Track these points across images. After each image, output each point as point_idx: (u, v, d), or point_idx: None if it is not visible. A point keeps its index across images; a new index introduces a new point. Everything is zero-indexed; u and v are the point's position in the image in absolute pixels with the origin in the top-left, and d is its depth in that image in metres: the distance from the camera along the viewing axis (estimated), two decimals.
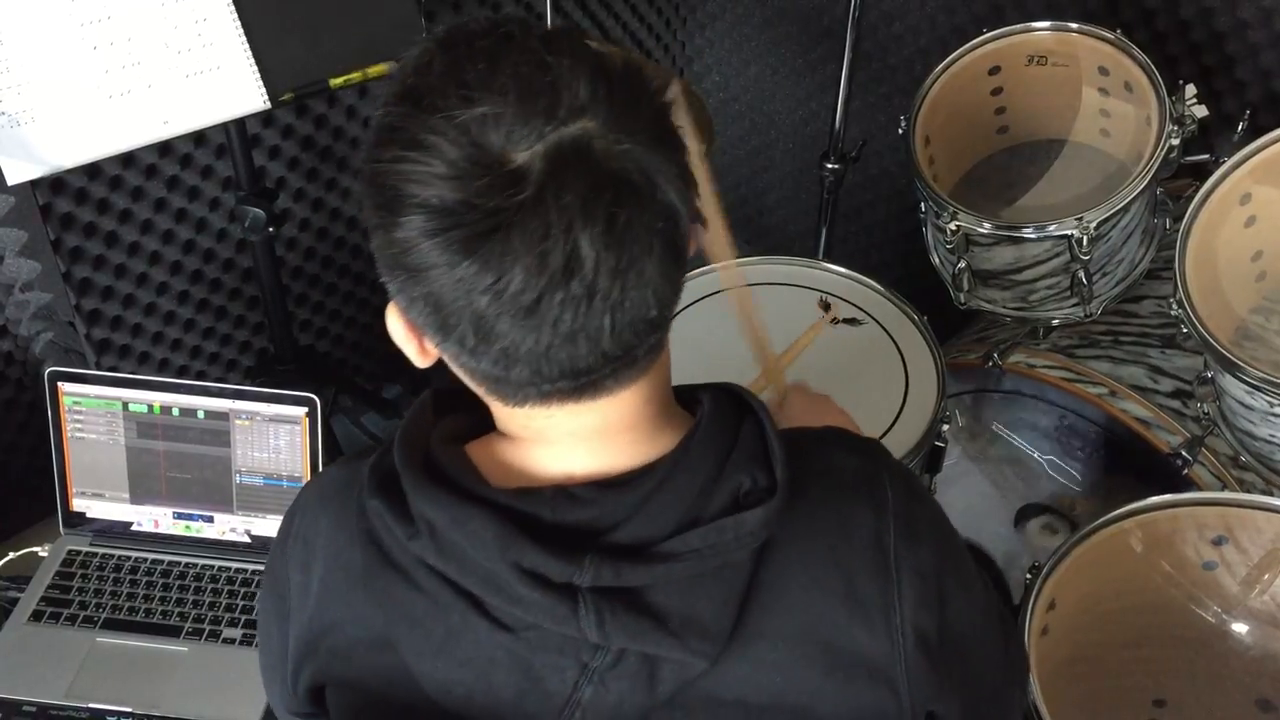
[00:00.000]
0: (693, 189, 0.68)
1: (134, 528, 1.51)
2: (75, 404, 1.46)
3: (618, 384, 0.70)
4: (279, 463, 1.47)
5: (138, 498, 1.49)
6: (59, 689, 1.35)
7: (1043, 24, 1.66)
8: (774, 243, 2.74)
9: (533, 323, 0.64)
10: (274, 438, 1.46)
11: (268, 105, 1.49)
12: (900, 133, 1.66)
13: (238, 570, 1.48)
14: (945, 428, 1.43)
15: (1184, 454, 1.47)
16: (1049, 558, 1.28)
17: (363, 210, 0.68)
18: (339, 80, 1.52)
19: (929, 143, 1.69)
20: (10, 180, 1.39)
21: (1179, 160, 1.53)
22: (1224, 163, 1.42)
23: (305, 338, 2.24)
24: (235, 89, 1.47)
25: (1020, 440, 1.74)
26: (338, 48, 1.51)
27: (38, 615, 1.42)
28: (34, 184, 1.70)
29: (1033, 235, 1.54)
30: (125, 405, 1.45)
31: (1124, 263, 1.62)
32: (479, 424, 0.77)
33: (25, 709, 1.33)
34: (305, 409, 1.44)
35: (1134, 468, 1.57)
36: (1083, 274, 1.56)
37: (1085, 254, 1.52)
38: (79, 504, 1.50)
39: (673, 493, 0.70)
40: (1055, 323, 1.70)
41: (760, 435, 0.74)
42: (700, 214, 0.71)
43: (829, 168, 1.96)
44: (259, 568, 1.48)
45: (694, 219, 0.69)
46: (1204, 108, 1.53)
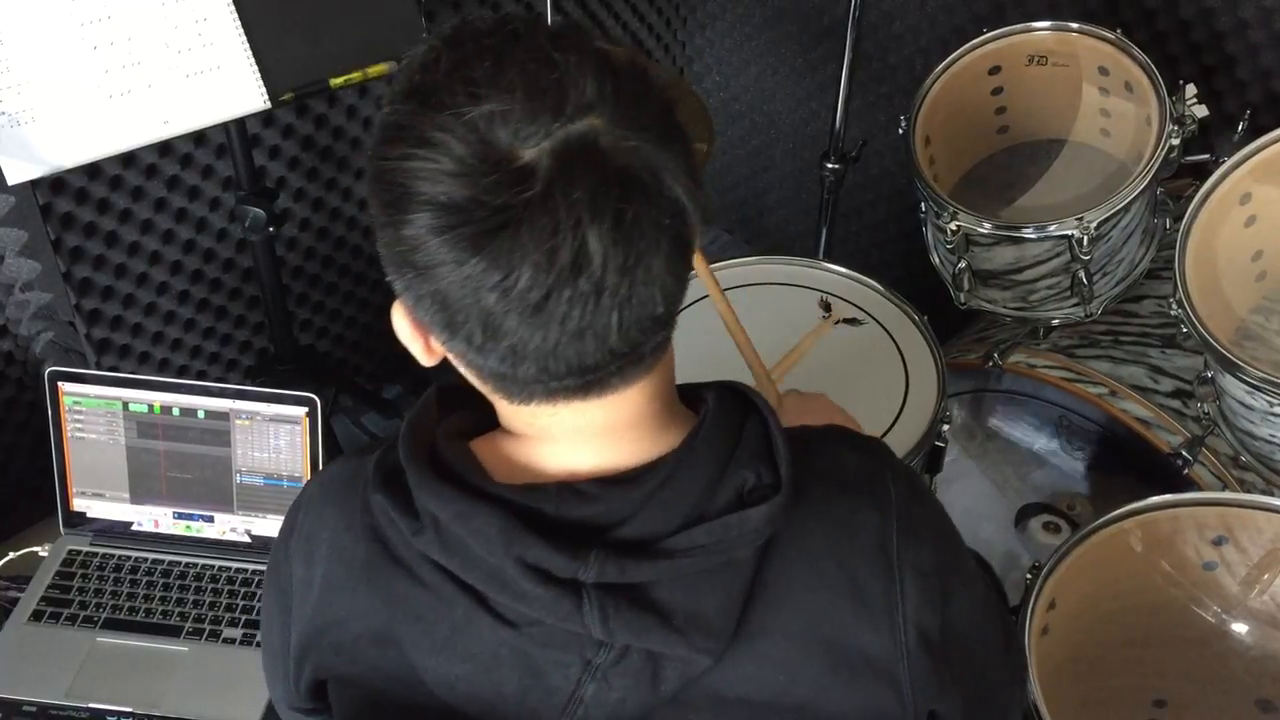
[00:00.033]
0: (699, 186, 0.68)
1: (134, 528, 1.51)
2: (75, 404, 1.46)
3: (624, 381, 0.70)
4: (279, 463, 1.47)
5: (138, 498, 1.49)
6: (59, 689, 1.35)
7: (1043, 24, 1.66)
8: (774, 243, 2.75)
9: (540, 320, 0.64)
10: (274, 438, 1.46)
11: (268, 105, 1.49)
12: (900, 132, 1.66)
13: (238, 570, 1.48)
14: (945, 427, 1.43)
15: (1184, 454, 1.47)
16: (1049, 557, 1.28)
17: (369, 208, 0.68)
18: (339, 80, 1.52)
19: (929, 142, 1.69)
20: (10, 180, 1.39)
21: (1179, 160, 1.53)
22: (1224, 162, 1.42)
23: (305, 337, 2.23)
24: (235, 89, 1.47)
25: (1020, 440, 1.74)
26: (338, 47, 1.51)
27: (38, 615, 1.42)
28: (34, 184, 1.70)
29: (1033, 235, 1.54)
30: (125, 405, 1.45)
31: (1124, 262, 1.62)
32: (483, 421, 0.77)
33: (25, 709, 1.33)
34: (305, 409, 1.44)
35: (1134, 468, 1.57)
36: (1083, 274, 1.56)
37: (1085, 254, 1.52)
38: (79, 504, 1.50)
39: (677, 489, 0.70)
40: (1055, 323, 1.70)
41: (764, 433, 0.74)
42: (708, 212, 0.71)
43: (829, 168, 1.96)
44: (259, 568, 1.48)
45: (700, 216, 0.69)
46: (1204, 107, 1.53)
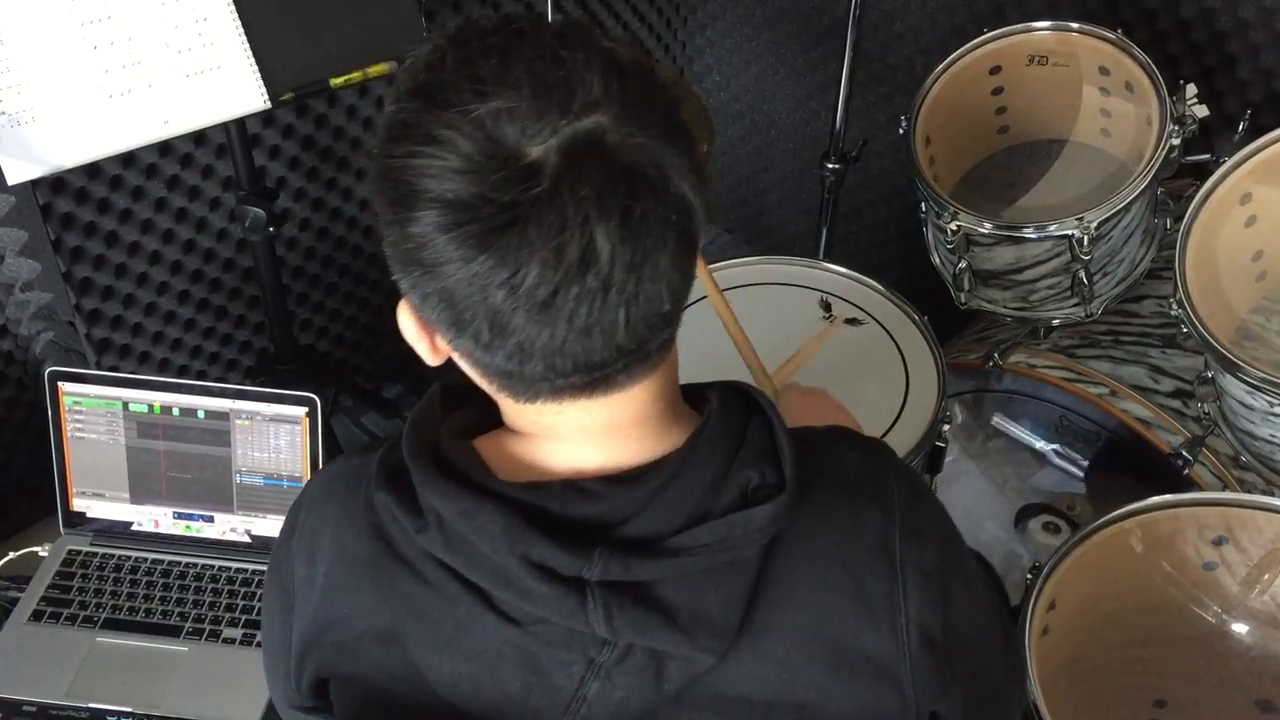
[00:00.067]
0: (705, 183, 0.68)
1: (134, 528, 1.51)
2: (75, 404, 1.46)
3: (630, 379, 0.70)
4: (279, 463, 1.47)
5: (138, 497, 1.49)
6: (59, 689, 1.34)
7: (1043, 24, 1.66)
8: (774, 243, 2.74)
9: (548, 317, 0.64)
10: (274, 438, 1.45)
11: (268, 105, 1.49)
12: (901, 132, 1.66)
13: (238, 570, 1.48)
14: (946, 427, 1.43)
15: (1184, 454, 1.47)
16: (1049, 558, 1.28)
17: (373, 207, 0.68)
18: (339, 80, 1.52)
19: (929, 142, 1.69)
20: (10, 180, 1.39)
21: (1179, 160, 1.53)
22: (1224, 162, 1.42)
23: (305, 337, 2.23)
24: (235, 89, 1.47)
25: (1021, 440, 1.74)
26: (338, 47, 1.51)
27: (38, 615, 1.42)
28: (34, 184, 1.70)
29: (1033, 235, 1.54)
30: (125, 405, 1.45)
31: (1124, 262, 1.62)
32: (487, 419, 0.77)
33: (25, 709, 1.33)
34: (305, 409, 1.44)
35: (1134, 468, 1.57)
36: (1083, 274, 1.56)
37: (1086, 254, 1.52)
38: (79, 504, 1.50)
39: (682, 488, 0.70)
40: (1056, 323, 1.70)
41: (768, 432, 0.74)
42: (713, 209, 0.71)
43: (829, 167, 1.96)
44: (259, 568, 1.48)
45: (706, 213, 0.69)
46: (1204, 107, 1.53)
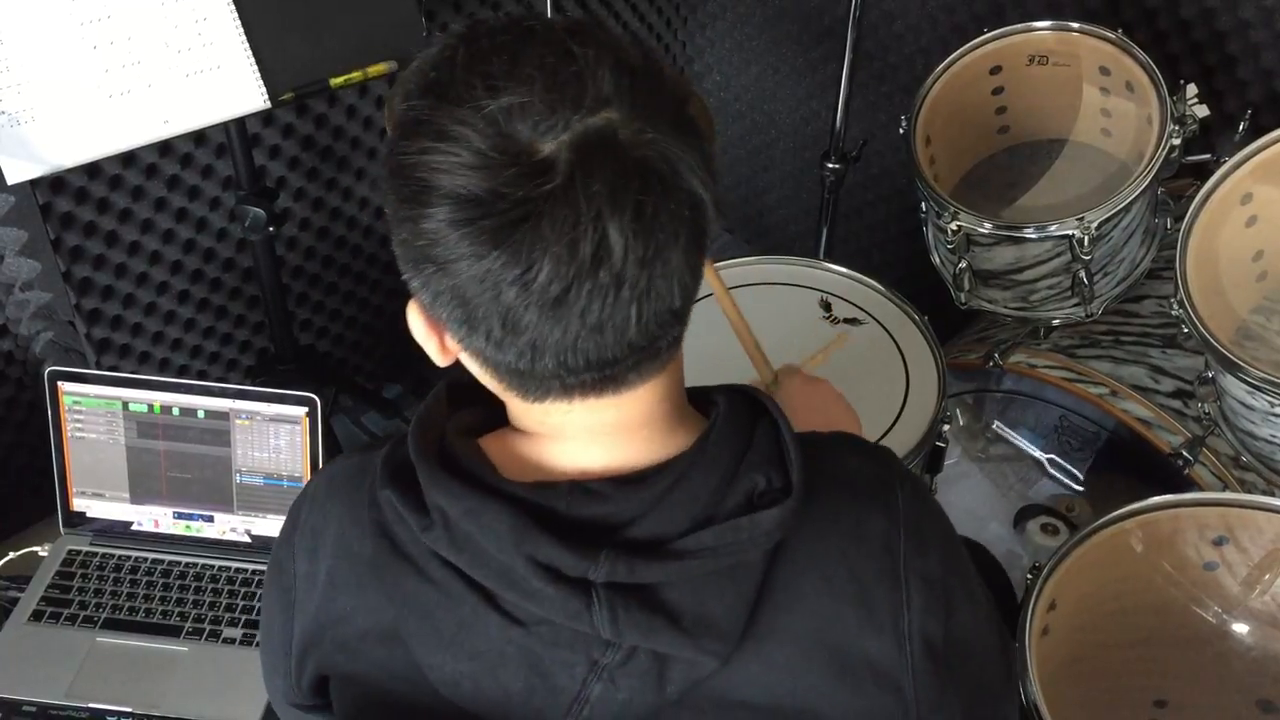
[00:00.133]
0: (715, 179, 0.68)
1: (134, 527, 1.50)
2: (75, 404, 1.46)
3: (639, 378, 0.70)
4: (279, 462, 1.46)
5: (138, 497, 1.49)
6: (59, 689, 1.34)
7: (1043, 23, 1.66)
8: (774, 242, 2.74)
9: (560, 314, 0.64)
10: (274, 437, 1.45)
11: (268, 105, 1.49)
12: (901, 132, 1.66)
13: (238, 570, 1.48)
14: (946, 428, 1.43)
15: (1185, 454, 1.47)
16: (1049, 558, 1.28)
17: (385, 206, 0.68)
18: (339, 80, 1.52)
19: (930, 142, 1.68)
20: (10, 180, 1.39)
21: (1180, 160, 1.53)
22: (1225, 162, 1.42)
23: (305, 337, 2.23)
24: (235, 88, 1.47)
25: (1021, 440, 1.74)
26: (338, 47, 1.51)
27: (38, 615, 1.42)
28: (34, 183, 1.70)
29: (1034, 235, 1.54)
30: (125, 405, 1.45)
31: (1125, 262, 1.62)
32: (492, 418, 0.77)
33: (25, 709, 1.33)
34: (305, 409, 1.44)
35: (1135, 468, 1.57)
36: (1084, 274, 1.56)
37: (1086, 254, 1.51)
38: (79, 504, 1.50)
39: (688, 490, 0.70)
40: (1056, 323, 1.70)
41: (775, 437, 0.74)
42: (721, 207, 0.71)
43: (830, 167, 1.96)
44: (259, 568, 1.48)
45: (716, 209, 0.69)
46: (1205, 107, 1.53)
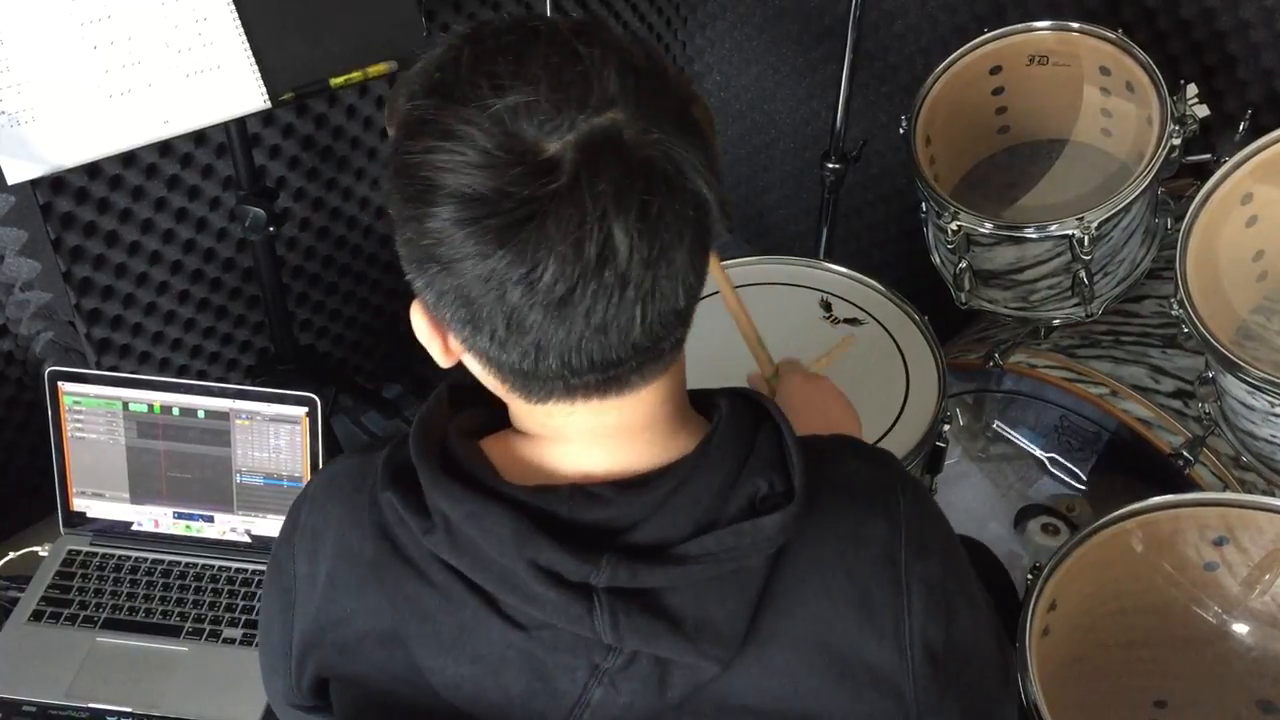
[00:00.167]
0: (719, 180, 0.68)
1: (134, 527, 1.50)
2: (75, 404, 1.46)
3: (642, 379, 0.70)
4: (279, 462, 1.46)
5: (138, 497, 1.49)
6: (59, 689, 1.34)
7: (1044, 23, 1.66)
8: (774, 242, 2.74)
9: (565, 314, 0.64)
10: (274, 437, 1.45)
11: (268, 105, 1.49)
12: (901, 132, 1.66)
13: (238, 570, 1.48)
14: (946, 428, 1.43)
15: (1185, 454, 1.47)
16: (1050, 558, 1.28)
17: (388, 206, 0.68)
18: (339, 80, 1.52)
19: (930, 142, 1.68)
20: (10, 180, 1.39)
21: (1180, 160, 1.53)
22: (1225, 162, 1.41)
23: (305, 337, 2.23)
24: (236, 88, 1.47)
25: (1021, 440, 1.74)
26: (338, 47, 1.51)
27: (38, 615, 1.42)
28: (34, 183, 1.70)
29: (1034, 235, 1.54)
30: (125, 405, 1.45)
31: (1125, 262, 1.62)
32: (494, 420, 0.77)
33: (25, 709, 1.33)
34: (305, 409, 1.44)
35: (1135, 468, 1.57)
36: (1084, 274, 1.56)
37: (1086, 254, 1.51)
38: (79, 504, 1.50)
39: (690, 495, 0.70)
40: (1056, 323, 1.70)
41: (778, 441, 0.74)
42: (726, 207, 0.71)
43: (830, 167, 1.96)
44: (259, 568, 1.48)
45: (721, 209, 0.69)
46: (1205, 107, 1.52)
